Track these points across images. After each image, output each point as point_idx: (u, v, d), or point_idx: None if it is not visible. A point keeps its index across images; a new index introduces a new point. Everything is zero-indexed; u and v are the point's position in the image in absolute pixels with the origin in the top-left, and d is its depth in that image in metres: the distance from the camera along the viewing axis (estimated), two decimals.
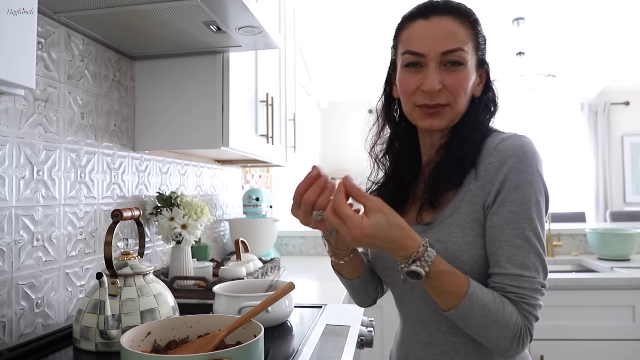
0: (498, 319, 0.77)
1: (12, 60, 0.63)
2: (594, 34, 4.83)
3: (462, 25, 0.89)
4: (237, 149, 1.62)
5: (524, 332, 0.79)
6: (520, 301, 0.79)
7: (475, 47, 0.91)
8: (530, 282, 0.79)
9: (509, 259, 0.80)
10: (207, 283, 1.55)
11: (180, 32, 1.34)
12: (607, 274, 2.26)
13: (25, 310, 1.12)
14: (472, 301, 0.77)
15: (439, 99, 0.88)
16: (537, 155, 0.83)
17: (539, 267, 0.80)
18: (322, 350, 1.06)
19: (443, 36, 0.87)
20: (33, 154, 1.15)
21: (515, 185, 0.80)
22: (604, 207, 6.75)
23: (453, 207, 0.86)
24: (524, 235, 0.80)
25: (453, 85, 0.87)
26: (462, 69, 0.88)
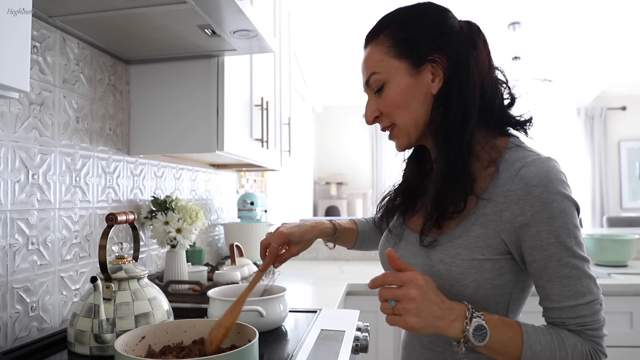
0: (564, 357, 0.76)
1: (6, 63, 0.63)
2: (590, 38, 4.86)
3: (375, 47, 0.90)
4: (232, 153, 1.62)
5: (595, 357, 0.78)
6: (584, 330, 0.78)
7: (398, 54, 0.87)
8: (588, 307, 0.77)
9: (560, 291, 0.78)
10: (201, 287, 1.54)
11: (175, 36, 1.34)
12: (605, 280, 2.25)
13: (20, 313, 1.12)
14: (532, 346, 0.76)
15: (383, 124, 0.92)
16: (563, 179, 0.79)
17: (593, 287, 0.78)
18: (317, 356, 1.05)
19: (365, 66, 0.92)
20: (28, 158, 1.15)
21: (549, 217, 0.77)
22: (600, 212, 6.77)
23: (464, 229, 0.84)
24: (570, 264, 0.77)
25: (383, 107, 0.90)
26: (385, 88, 0.89)
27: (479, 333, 0.74)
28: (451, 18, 0.90)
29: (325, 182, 7.19)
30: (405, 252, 0.93)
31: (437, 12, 0.90)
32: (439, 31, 0.87)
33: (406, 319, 0.74)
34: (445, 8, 0.91)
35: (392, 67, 0.87)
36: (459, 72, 0.85)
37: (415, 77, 0.87)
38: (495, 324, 0.76)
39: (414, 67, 0.87)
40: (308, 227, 1.07)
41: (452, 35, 0.87)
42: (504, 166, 0.82)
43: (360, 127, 7.19)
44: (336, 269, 2.47)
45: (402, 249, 0.94)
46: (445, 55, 0.86)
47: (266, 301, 1.20)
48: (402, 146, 0.93)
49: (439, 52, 0.86)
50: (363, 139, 7.21)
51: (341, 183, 7.20)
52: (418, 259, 0.89)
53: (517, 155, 0.83)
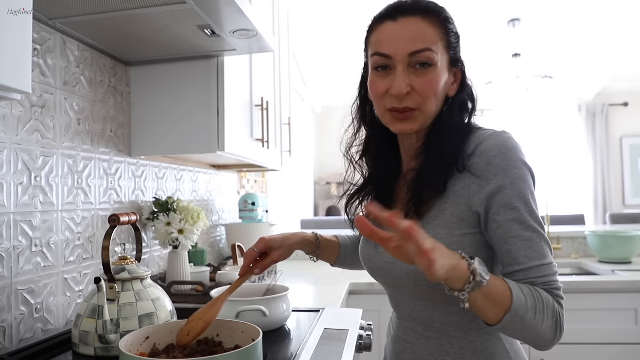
0: (540, 309, 0.77)
1: (7, 64, 0.64)
2: (591, 34, 4.85)
3: (430, 24, 0.87)
4: (232, 153, 1.62)
5: (561, 315, 0.80)
6: (550, 288, 0.80)
7: (446, 46, 0.89)
8: (549, 267, 0.81)
9: (525, 253, 0.81)
10: (204, 287, 1.55)
11: (174, 37, 1.35)
12: (609, 276, 2.25)
13: (24, 315, 1.12)
14: (518, 296, 0.76)
15: (408, 102, 0.88)
16: (519, 147, 0.84)
17: (549, 251, 0.82)
18: (321, 354, 1.05)
19: (410, 37, 0.86)
20: (30, 160, 1.16)
21: (510, 182, 0.81)
22: (602, 209, 6.75)
23: (438, 209, 0.87)
24: (532, 227, 0.81)
25: (422, 87, 0.87)
26: (431, 70, 0.87)
27: (483, 267, 0.74)
28: None
29: (326, 182, 7.19)
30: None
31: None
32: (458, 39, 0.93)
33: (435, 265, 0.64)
34: None
35: (441, 55, 0.88)
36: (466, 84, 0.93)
37: (447, 74, 0.90)
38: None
39: (451, 64, 0.91)
40: (289, 234, 1.11)
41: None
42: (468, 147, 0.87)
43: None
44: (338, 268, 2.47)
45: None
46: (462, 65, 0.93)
47: (269, 300, 1.20)
48: (413, 129, 0.90)
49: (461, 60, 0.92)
50: None
51: (342, 183, 7.19)
52: None
53: (475, 135, 0.88)
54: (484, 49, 5.16)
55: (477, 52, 5.22)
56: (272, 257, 1.06)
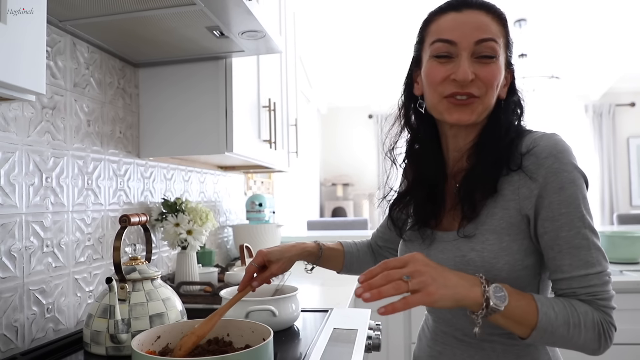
0: (576, 323, 0.76)
1: (23, 66, 0.64)
2: (597, 34, 4.83)
3: (494, 20, 0.88)
4: (241, 154, 1.63)
5: (605, 326, 0.77)
6: (594, 299, 0.78)
7: (506, 45, 0.90)
8: (598, 277, 0.78)
9: (571, 261, 0.79)
10: (213, 288, 1.55)
11: (183, 38, 1.35)
12: (617, 277, 2.23)
13: (36, 315, 1.13)
14: (546, 313, 0.76)
15: (471, 89, 0.85)
16: (570, 150, 0.82)
17: (602, 259, 0.79)
18: (331, 354, 1.06)
19: (476, 26, 0.85)
20: (42, 161, 1.17)
21: (560, 187, 0.79)
22: (609, 210, 6.72)
23: (487, 214, 0.85)
24: (581, 233, 0.78)
25: (486, 76, 0.85)
26: (494, 61, 0.86)
27: (499, 294, 0.74)
28: None
29: (332, 184, 7.20)
30: (434, 252, 0.92)
31: None
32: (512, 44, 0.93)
33: (427, 290, 0.70)
34: None
35: (502, 51, 0.88)
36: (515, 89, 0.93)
37: (503, 72, 0.89)
38: (510, 290, 0.76)
39: (507, 63, 0.91)
40: (288, 246, 1.10)
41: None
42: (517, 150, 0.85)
43: (366, 128, 7.18)
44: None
45: (432, 249, 0.93)
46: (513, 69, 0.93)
47: (278, 301, 1.21)
48: (470, 120, 0.87)
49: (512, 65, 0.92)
50: (369, 139, 7.20)
51: (347, 184, 7.20)
52: (447, 254, 0.89)
53: (527, 136, 0.86)
54: None
55: None
56: (271, 271, 1.05)
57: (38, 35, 0.67)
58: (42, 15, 0.68)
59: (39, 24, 0.68)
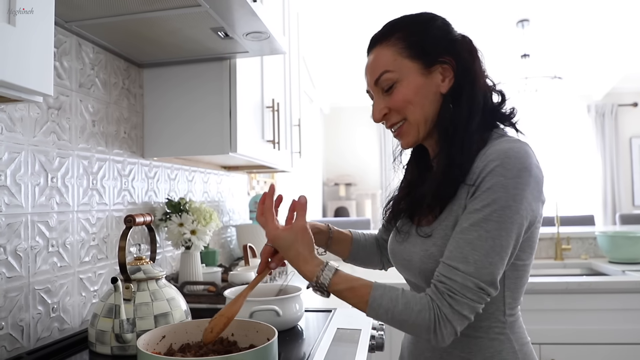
0: (404, 319, 0.82)
1: (32, 67, 0.65)
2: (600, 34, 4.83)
3: (385, 48, 0.94)
4: (245, 154, 1.63)
5: (440, 322, 0.80)
6: (446, 292, 0.80)
7: (410, 56, 0.92)
8: (462, 277, 0.80)
9: (453, 249, 0.82)
10: (216, 288, 1.56)
11: (188, 39, 1.36)
12: (619, 277, 2.24)
13: (42, 314, 1.14)
14: (375, 308, 0.84)
15: (392, 120, 0.95)
16: (523, 160, 0.82)
17: (482, 268, 0.79)
18: (335, 354, 1.06)
19: (370, 70, 0.96)
20: (47, 161, 1.17)
21: (488, 187, 0.82)
22: (612, 210, 6.71)
23: (448, 212, 0.90)
24: (479, 234, 0.80)
25: (394, 104, 0.93)
26: (396, 87, 0.92)
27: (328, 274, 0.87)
28: (454, 28, 0.97)
29: (334, 183, 7.20)
30: (408, 245, 0.97)
31: (442, 21, 0.97)
32: (447, 37, 0.94)
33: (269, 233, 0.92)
34: (447, 19, 0.98)
35: (405, 67, 0.92)
36: (467, 75, 0.92)
37: (427, 77, 0.92)
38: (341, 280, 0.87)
39: (425, 67, 0.92)
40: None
41: (457, 42, 0.95)
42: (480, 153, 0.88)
43: (368, 128, 7.18)
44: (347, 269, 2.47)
45: (407, 243, 0.98)
46: (454, 58, 0.93)
47: (282, 300, 1.21)
48: (409, 143, 0.96)
49: (448, 56, 0.93)
50: (371, 139, 7.20)
51: (350, 184, 7.20)
52: (417, 248, 0.94)
53: (494, 142, 0.89)
54: (493, 50, 5.15)
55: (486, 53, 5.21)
56: None
57: (46, 37, 0.68)
58: (49, 17, 0.69)
59: (47, 26, 0.68)
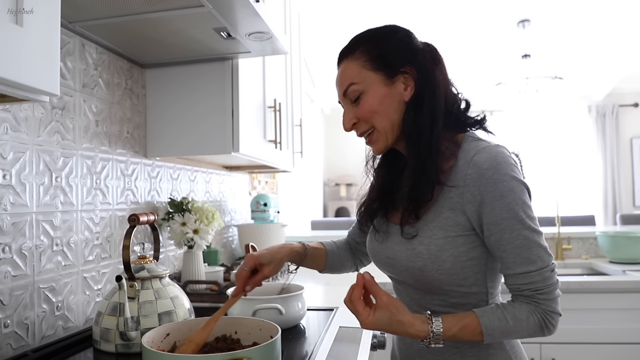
0: (518, 330, 0.88)
1: (37, 67, 0.66)
2: (601, 34, 4.83)
3: (352, 61, 0.99)
4: (247, 154, 1.64)
5: (547, 319, 0.88)
6: (536, 294, 0.88)
7: (374, 68, 0.97)
8: (539, 274, 0.88)
9: (514, 260, 0.89)
10: (219, 287, 1.57)
11: (191, 40, 1.37)
12: (620, 277, 2.24)
13: (46, 313, 1.15)
14: (490, 334, 0.88)
15: (361, 129, 1.01)
16: (510, 162, 0.91)
17: (543, 255, 0.88)
18: (337, 352, 1.07)
19: (340, 81, 1.01)
20: (51, 161, 1.18)
21: (500, 195, 0.88)
22: (612, 210, 6.71)
23: (435, 213, 0.95)
24: (521, 235, 0.88)
25: (361, 114, 0.98)
26: (362, 97, 0.98)
27: (438, 331, 0.88)
28: (415, 39, 1.02)
29: (335, 184, 7.20)
30: (391, 244, 1.02)
31: (404, 33, 1.01)
32: (408, 48, 0.99)
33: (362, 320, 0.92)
34: (409, 30, 1.03)
35: (369, 79, 0.98)
36: (428, 83, 0.97)
37: (390, 86, 0.97)
38: (451, 323, 0.89)
39: (388, 78, 0.98)
40: (277, 248, 1.13)
41: (419, 52, 0.99)
42: (461, 155, 0.95)
43: None
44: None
45: (388, 242, 1.03)
46: (415, 68, 0.98)
47: (285, 299, 1.22)
48: (380, 149, 1.01)
49: (409, 65, 0.97)
50: None
51: (351, 184, 7.20)
52: (401, 247, 0.98)
53: (471, 145, 0.95)
54: (493, 50, 5.15)
55: (487, 53, 5.22)
56: (263, 274, 1.07)
57: (52, 37, 0.68)
58: (56, 18, 0.70)
59: (53, 26, 0.69)
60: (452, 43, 4.80)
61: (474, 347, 0.97)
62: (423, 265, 0.93)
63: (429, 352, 1.00)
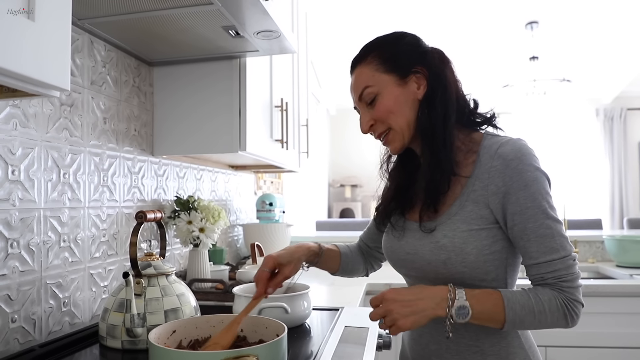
0: (541, 310, 0.89)
1: (48, 61, 0.66)
2: (610, 37, 4.80)
3: (365, 66, 1.03)
4: (254, 153, 1.64)
5: (570, 307, 0.89)
6: (559, 282, 0.90)
7: (386, 70, 1.01)
8: (562, 262, 0.90)
9: (537, 249, 0.90)
10: (224, 285, 1.57)
11: (199, 38, 1.37)
12: (627, 280, 2.22)
13: (53, 308, 1.15)
14: (512, 308, 0.89)
15: (378, 130, 1.04)
16: (533, 153, 0.94)
17: (565, 244, 0.90)
18: (343, 352, 1.06)
19: (354, 86, 1.05)
20: (60, 158, 1.18)
21: (524, 185, 0.91)
22: (619, 214, 6.67)
23: (459, 206, 0.97)
24: (545, 224, 0.90)
25: (377, 115, 1.02)
26: (377, 99, 1.01)
27: (461, 312, 0.88)
28: (423, 42, 1.06)
29: (340, 185, 7.20)
30: (410, 240, 1.03)
31: (412, 37, 1.05)
32: (417, 50, 1.03)
33: (399, 325, 0.89)
34: (417, 35, 1.07)
35: (382, 81, 1.01)
36: (439, 81, 1.01)
37: (403, 86, 1.01)
38: (478, 298, 0.90)
39: (401, 78, 1.01)
40: (294, 247, 1.13)
41: (427, 53, 1.03)
42: (483, 151, 0.98)
43: None
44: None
45: (407, 238, 1.05)
46: (426, 67, 1.01)
47: (290, 298, 1.22)
48: (397, 148, 1.04)
49: (420, 65, 1.01)
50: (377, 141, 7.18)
51: (355, 185, 7.20)
52: (424, 241, 1.00)
53: (493, 140, 0.98)
54: (501, 52, 5.13)
55: (494, 55, 5.20)
56: (284, 274, 1.08)
57: (63, 32, 0.69)
58: (67, 13, 0.70)
59: (64, 21, 0.69)
60: (460, 44, 4.79)
61: (494, 346, 0.98)
62: (447, 258, 0.95)
63: (447, 352, 1.00)
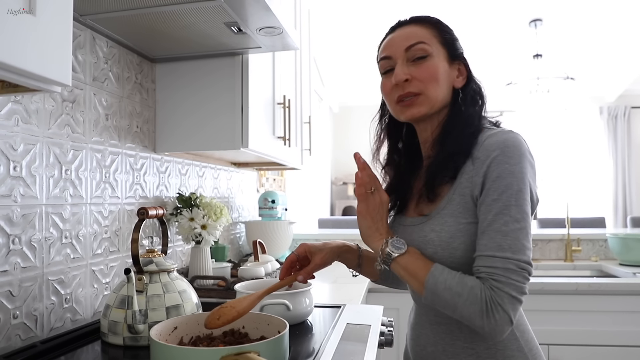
0: (459, 293, 0.85)
1: (50, 57, 0.65)
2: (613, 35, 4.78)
3: (423, 27, 1.01)
4: (256, 150, 1.64)
5: (491, 307, 0.83)
6: (489, 278, 0.84)
7: (442, 42, 1.00)
8: (502, 262, 0.84)
9: (486, 242, 0.86)
10: (226, 282, 1.56)
11: (201, 34, 1.36)
12: (630, 279, 2.22)
13: (55, 305, 1.15)
14: (435, 276, 0.88)
15: (410, 88, 0.98)
16: (521, 148, 0.89)
17: (516, 246, 0.84)
18: (345, 349, 1.06)
19: (405, 37, 1.00)
20: (61, 154, 1.18)
21: (497, 176, 0.87)
22: (623, 213, 6.64)
23: (447, 200, 0.94)
24: (503, 220, 0.85)
25: (420, 74, 0.97)
26: (427, 59, 0.98)
27: (397, 243, 0.93)
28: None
29: (342, 182, 7.19)
30: (402, 235, 1.00)
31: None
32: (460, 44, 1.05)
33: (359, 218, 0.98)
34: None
35: (437, 48, 0.99)
36: (474, 82, 1.03)
37: (450, 66, 1.01)
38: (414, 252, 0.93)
39: (451, 58, 1.01)
40: (329, 241, 1.13)
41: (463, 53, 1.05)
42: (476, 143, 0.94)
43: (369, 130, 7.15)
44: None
45: (399, 233, 1.02)
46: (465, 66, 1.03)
47: (292, 295, 1.21)
48: (420, 112, 0.99)
49: (463, 61, 1.03)
50: None
51: None
52: (413, 235, 0.99)
53: (485, 134, 0.95)
54: (505, 50, 5.11)
55: (498, 53, 5.18)
56: (315, 262, 1.07)
57: (65, 27, 0.68)
58: (69, 8, 0.69)
59: (66, 16, 0.69)
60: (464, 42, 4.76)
61: (490, 349, 0.94)
62: (434, 252, 0.93)
63: (443, 354, 0.99)
